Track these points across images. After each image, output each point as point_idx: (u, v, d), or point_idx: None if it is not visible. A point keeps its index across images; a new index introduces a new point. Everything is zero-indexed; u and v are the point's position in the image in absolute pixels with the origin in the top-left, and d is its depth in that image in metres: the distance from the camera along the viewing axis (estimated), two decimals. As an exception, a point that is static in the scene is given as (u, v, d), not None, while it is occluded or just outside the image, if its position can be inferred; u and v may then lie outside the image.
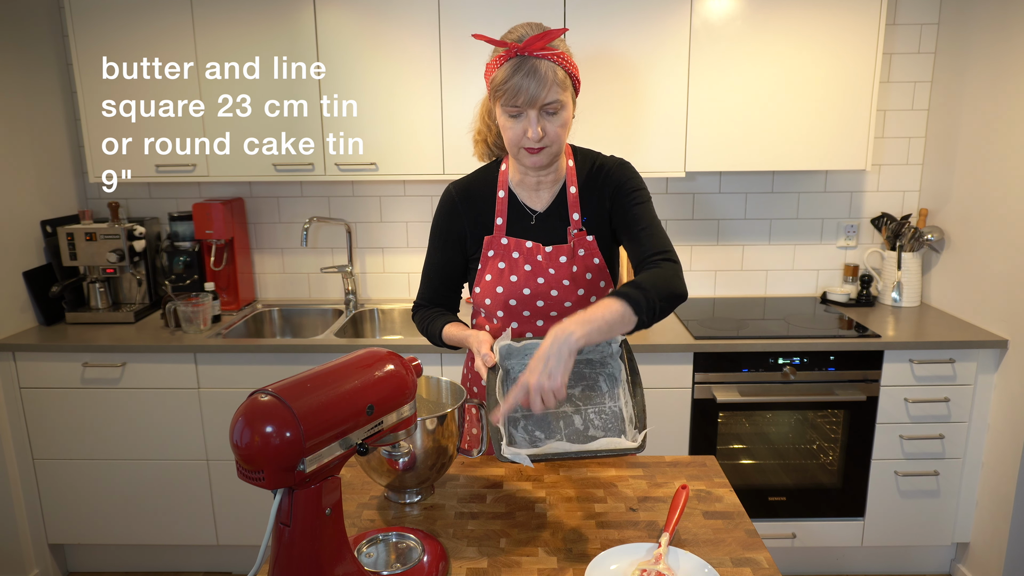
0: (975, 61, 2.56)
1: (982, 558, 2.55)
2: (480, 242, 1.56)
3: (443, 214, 1.59)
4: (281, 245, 3.05)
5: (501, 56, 1.39)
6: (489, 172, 1.60)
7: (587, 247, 1.52)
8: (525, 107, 1.37)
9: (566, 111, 1.41)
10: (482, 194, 1.57)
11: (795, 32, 2.49)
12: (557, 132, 1.41)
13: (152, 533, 2.63)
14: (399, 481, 1.34)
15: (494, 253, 1.54)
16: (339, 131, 2.59)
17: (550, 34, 1.36)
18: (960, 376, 2.47)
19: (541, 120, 1.39)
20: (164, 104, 2.58)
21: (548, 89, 1.36)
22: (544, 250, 1.52)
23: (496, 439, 1.21)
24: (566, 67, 1.39)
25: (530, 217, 1.55)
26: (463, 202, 1.57)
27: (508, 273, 1.53)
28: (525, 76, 1.35)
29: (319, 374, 1.02)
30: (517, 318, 1.55)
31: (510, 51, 1.37)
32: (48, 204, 2.76)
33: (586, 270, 1.52)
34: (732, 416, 2.56)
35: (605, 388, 1.36)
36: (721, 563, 1.17)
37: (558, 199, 1.55)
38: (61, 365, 2.48)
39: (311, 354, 2.45)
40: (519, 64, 1.36)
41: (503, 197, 1.55)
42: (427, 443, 1.30)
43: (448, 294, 1.63)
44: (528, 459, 1.16)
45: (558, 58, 1.37)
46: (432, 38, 2.51)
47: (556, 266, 1.52)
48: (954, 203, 2.72)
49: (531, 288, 1.52)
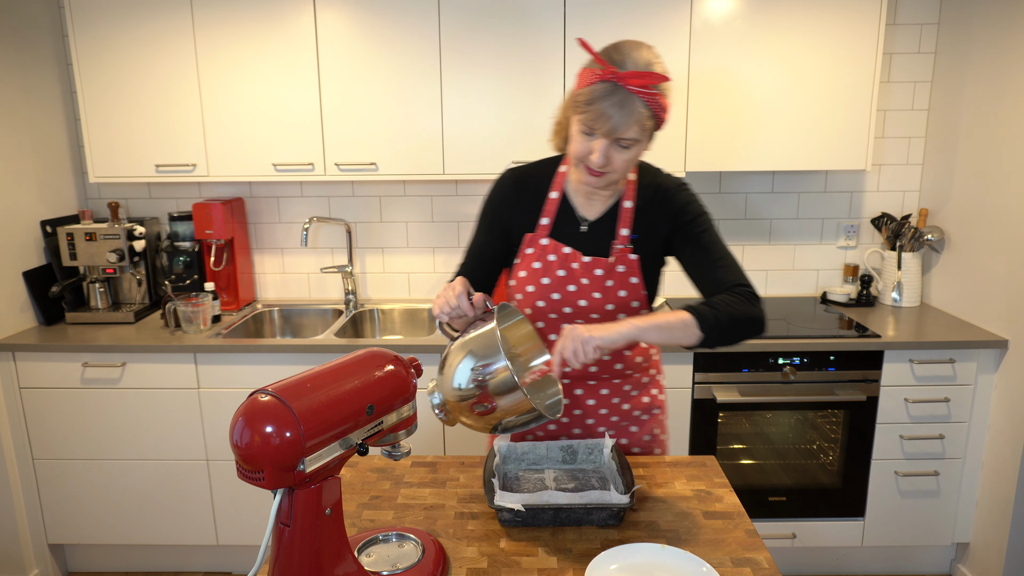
0: (975, 61, 2.56)
1: (982, 558, 2.55)
2: (522, 233, 1.53)
3: (494, 198, 1.55)
4: (281, 245, 3.05)
5: (596, 73, 1.30)
6: (548, 168, 1.55)
7: (628, 265, 1.48)
8: (600, 134, 1.31)
9: (639, 147, 1.35)
10: (536, 189, 1.53)
11: (795, 32, 2.49)
12: (623, 164, 1.36)
13: (152, 533, 2.63)
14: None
15: (532, 251, 1.51)
16: (339, 131, 2.59)
17: (653, 77, 1.28)
18: (960, 376, 2.47)
19: (611, 149, 1.33)
20: (164, 104, 2.58)
21: (630, 127, 1.30)
22: (581, 259, 1.48)
23: (489, 490, 1.30)
24: (656, 108, 1.31)
25: (578, 223, 1.50)
26: (516, 191, 1.53)
27: (542, 274, 1.50)
28: (612, 106, 1.28)
29: (319, 374, 1.02)
30: (544, 319, 1.54)
31: (606, 73, 1.28)
32: (48, 204, 2.76)
33: (621, 287, 1.48)
34: (732, 416, 2.56)
35: (598, 487, 1.42)
36: (721, 563, 1.17)
37: (611, 211, 1.50)
38: (61, 365, 2.48)
39: (311, 354, 2.45)
40: (610, 91, 1.28)
41: (555, 198, 1.51)
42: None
43: (482, 276, 1.56)
44: (520, 506, 1.23)
45: (652, 98, 1.30)
46: (432, 38, 2.51)
47: (591, 277, 1.48)
48: (954, 203, 2.72)
49: (561, 293, 1.49)
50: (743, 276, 1.38)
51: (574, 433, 1.60)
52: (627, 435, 1.62)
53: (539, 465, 1.50)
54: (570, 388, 1.59)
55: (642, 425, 1.63)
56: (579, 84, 1.34)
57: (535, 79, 2.53)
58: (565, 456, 1.50)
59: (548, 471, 1.48)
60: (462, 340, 1.25)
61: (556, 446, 1.50)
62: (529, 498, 1.27)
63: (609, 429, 1.60)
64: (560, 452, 1.50)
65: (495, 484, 1.32)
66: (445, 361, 1.25)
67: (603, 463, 1.49)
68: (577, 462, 1.50)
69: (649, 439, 1.64)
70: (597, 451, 1.50)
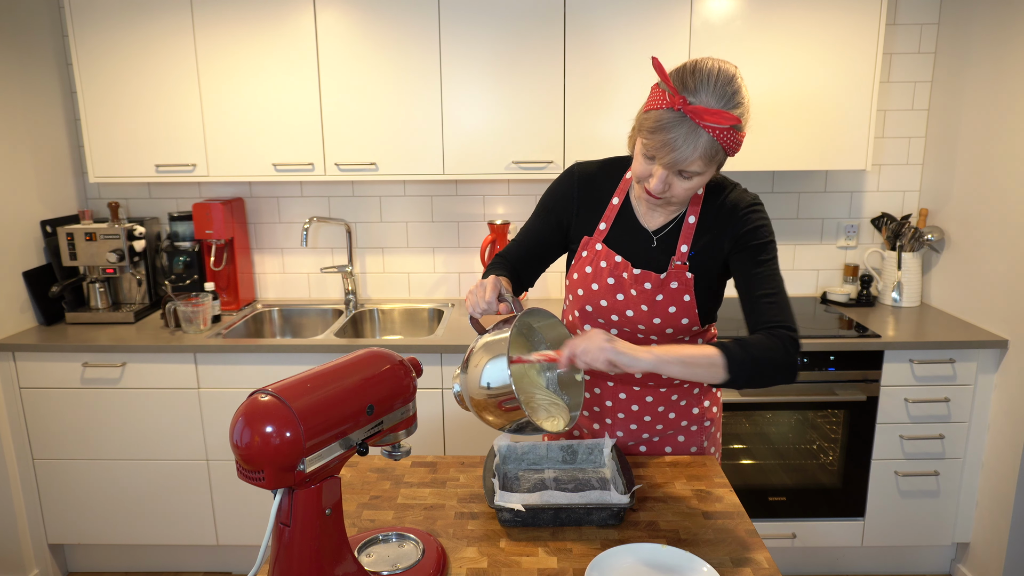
0: (975, 61, 2.56)
1: (982, 558, 2.55)
2: (581, 235, 1.50)
3: (557, 191, 1.52)
4: (281, 245, 3.05)
5: (665, 98, 1.20)
6: (615, 170, 1.49)
7: (683, 282, 1.41)
8: (661, 165, 1.24)
9: (701, 179, 1.27)
10: (599, 191, 1.48)
11: (795, 32, 2.49)
12: (684, 192, 1.29)
13: (152, 533, 2.63)
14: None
15: (587, 255, 1.48)
16: (339, 131, 2.59)
17: (726, 117, 1.18)
18: (960, 376, 2.47)
19: (671, 177, 1.26)
20: (164, 104, 2.58)
21: (694, 162, 1.21)
22: (632, 270, 1.42)
23: (488, 490, 1.30)
24: (728, 144, 1.21)
25: (637, 233, 1.44)
26: (580, 189, 1.49)
27: (592, 279, 1.47)
28: (676, 139, 1.19)
29: (319, 374, 1.02)
30: (591, 323, 1.51)
31: (674, 101, 1.18)
32: (48, 204, 2.76)
33: (671, 303, 1.42)
34: (732, 416, 2.56)
35: (598, 487, 1.42)
36: (721, 563, 1.17)
37: (673, 223, 1.42)
38: (61, 365, 2.48)
39: (311, 354, 2.45)
40: (677, 122, 1.19)
41: (616, 204, 1.46)
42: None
43: (526, 262, 1.53)
44: (520, 506, 1.24)
45: (723, 134, 1.20)
46: (432, 38, 2.51)
47: (639, 289, 1.42)
48: (954, 203, 2.72)
49: (608, 301, 1.46)
50: (790, 318, 1.31)
51: (617, 436, 1.58)
52: (673, 443, 1.59)
53: (539, 465, 1.50)
54: (614, 391, 1.55)
55: (689, 436, 1.59)
56: (649, 103, 1.25)
57: (535, 79, 2.53)
58: (565, 456, 1.50)
59: (548, 471, 1.48)
60: (486, 342, 1.25)
61: (556, 446, 1.50)
62: (529, 498, 1.27)
63: (654, 436, 1.58)
64: (560, 452, 1.50)
65: (495, 484, 1.32)
66: (468, 360, 1.26)
67: (603, 463, 1.49)
68: (577, 462, 1.50)
69: (696, 451, 1.61)
70: (597, 451, 1.50)
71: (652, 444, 1.60)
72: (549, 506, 1.26)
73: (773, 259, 1.36)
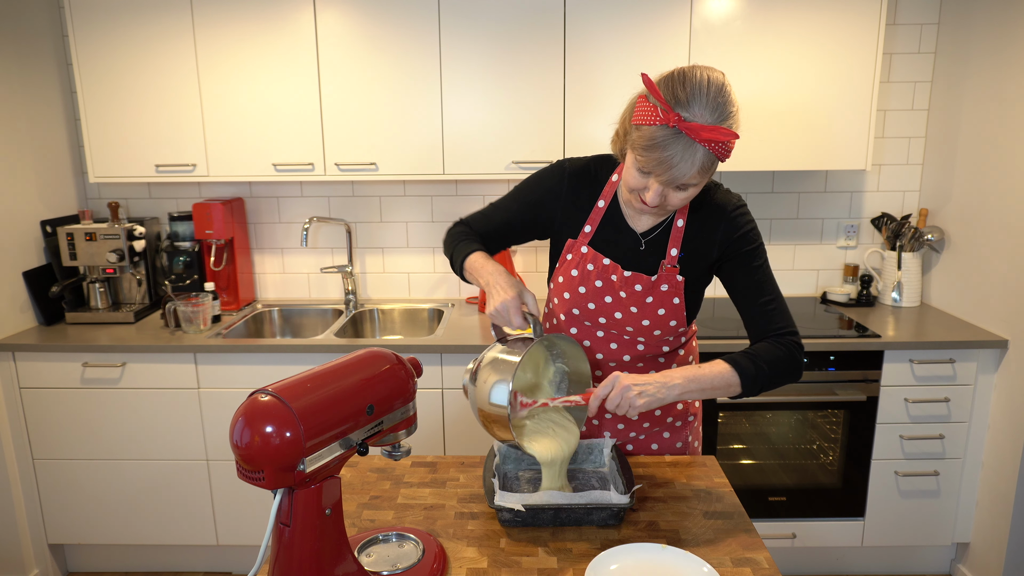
0: (975, 61, 2.56)
1: (982, 558, 2.55)
2: (564, 236, 1.48)
3: (543, 184, 1.48)
4: (281, 245, 3.05)
5: (657, 114, 1.16)
6: (602, 172, 1.46)
7: (672, 285, 1.41)
8: (657, 182, 1.22)
9: (697, 188, 1.26)
10: (588, 190, 1.46)
11: (795, 32, 2.49)
12: (679, 201, 1.27)
13: (152, 533, 2.63)
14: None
15: (572, 257, 1.46)
16: (339, 131, 2.59)
17: (723, 133, 1.16)
18: (960, 376, 2.47)
19: (667, 189, 1.24)
20: (164, 104, 2.58)
21: (691, 176, 1.20)
22: (621, 273, 1.42)
23: (488, 490, 1.30)
24: (721, 154, 1.20)
25: (624, 235, 1.43)
26: (570, 188, 1.46)
27: (579, 282, 1.45)
28: (673, 156, 1.16)
29: (319, 374, 1.02)
30: (578, 326, 1.51)
31: (668, 118, 1.15)
32: (48, 204, 2.76)
33: (660, 305, 1.42)
34: (732, 416, 2.56)
35: (598, 487, 1.43)
36: (721, 563, 1.17)
37: (661, 228, 1.42)
38: (61, 365, 2.48)
39: (311, 354, 2.45)
40: (672, 139, 1.16)
41: (602, 207, 1.44)
42: None
43: (491, 238, 1.52)
44: (520, 506, 1.24)
45: (720, 147, 1.18)
46: (432, 38, 2.51)
47: (629, 292, 1.42)
48: (954, 203, 2.72)
49: (596, 304, 1.45)
50: (791, 322, 1.38)
51: (604, 436, 1.59)
52: (659, 440, 1.60)
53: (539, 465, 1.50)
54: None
55: (675, 432, 1.60)
56: (637, 116, 1.21)
57: (535, 79, 2.53)
58: None
59: None
60: (500, 359, 1.28)
61: None
62: (529, 498, 1.27)
63: (640, 434, 1.59)
64: None
65: (495, 484, 1.32)
66: (478, 373, 1.29)
67: (603, 463, 1.49)
68: (577, 462, 1.50)
69: (681, 446, 1.61)
70: (597, 451, 1.50)
71: (639, 442, 1.60)
72: (549, 506, 1.26)
73: (765, 263, 1.41)
